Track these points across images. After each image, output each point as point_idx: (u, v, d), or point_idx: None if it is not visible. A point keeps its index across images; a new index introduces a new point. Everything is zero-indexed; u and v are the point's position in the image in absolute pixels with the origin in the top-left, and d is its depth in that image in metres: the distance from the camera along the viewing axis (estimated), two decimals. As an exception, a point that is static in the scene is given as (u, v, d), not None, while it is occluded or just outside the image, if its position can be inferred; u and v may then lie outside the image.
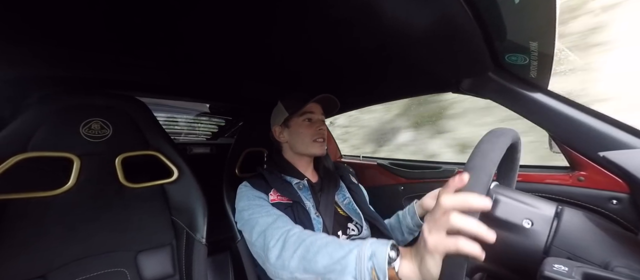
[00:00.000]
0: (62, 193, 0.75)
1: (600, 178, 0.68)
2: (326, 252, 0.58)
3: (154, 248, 0.88)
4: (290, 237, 0.66)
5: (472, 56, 0.72)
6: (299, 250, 0.61)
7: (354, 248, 0.55)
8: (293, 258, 0.61)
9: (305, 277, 0.60)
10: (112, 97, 0.82)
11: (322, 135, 0.95)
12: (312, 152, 0.95)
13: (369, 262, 0.51)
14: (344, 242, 0.59)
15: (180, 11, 0.67)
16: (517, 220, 0.49)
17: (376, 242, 0.54)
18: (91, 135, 0.78)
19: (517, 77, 0.73)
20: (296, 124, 0.96)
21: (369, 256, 0.51)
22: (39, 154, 0.71)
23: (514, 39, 0.62)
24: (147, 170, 0.89)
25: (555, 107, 0.69)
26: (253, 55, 0.93)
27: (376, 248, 0.52)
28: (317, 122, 0.96)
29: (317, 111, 0.98)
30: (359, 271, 0.51)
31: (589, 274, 0.39)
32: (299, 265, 0.60)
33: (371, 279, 0.50)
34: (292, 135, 0.97)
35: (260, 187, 0.87)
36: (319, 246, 0.60)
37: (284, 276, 0.63)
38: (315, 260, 0.58)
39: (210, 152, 1.57)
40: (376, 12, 0.62)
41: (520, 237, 0.48)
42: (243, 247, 0.98)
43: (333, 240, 0.60)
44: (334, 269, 0.54)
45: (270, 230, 0.71)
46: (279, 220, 0.75)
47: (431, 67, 0.86)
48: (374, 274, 0.50)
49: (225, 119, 1.84)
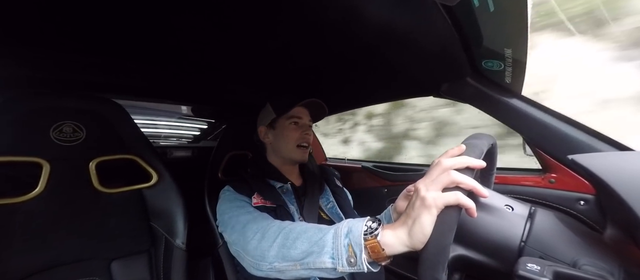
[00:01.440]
0: (30, 199, 0.71)
1: (569, 180, 0.72)
2: (305, 237, 0.57)
3: (130, 255, 0.85)
4: (270, 228, 0.64)
5: (451, 61, 0.74)
6: (278, 238, 0.60)
7: (332, 228, 0.54)
8: (272, 247, 0.60)
9: (284, 265, 0.58)
10: (86, 99, 0.78)
11: (306, 141, 0.94)
12: (294, 158, 0.94)
13: (345, 239, 0.50)
14: (324, 226, 0.58)
15: (161, 11, 0.65)
16: (500, 205, 0.53)
17: (354, 220, 0.53)
18: (62, 139, 0.74)
19: (493, 82, 0.76)
20: (282, 126, 0.95)
21: (346, 233, 0.51)
22: (4, 159, 0.67)
23: (490, 46, 0.64)
24: (124, 175, 0.86)
25: (528, 111, 0.72)
26: (237, 57, 0.92)
27: (353, 224, 0.52)
28: (303, 127, 0.95)
29: (305, 116, 0.97)
30: (336, 249, 0.51)
31: (559, 272, 0.41)
32: (278, 253, 0.59)
33: (348, 255, 0.50)
34: (276, 137, 0.96)
35: (242, 191, 0.85)
36: (299, 232, 0.59)
37: (263, 267, 0.61)
38: (294, 247, 0.57)
39: (191, 155, 1.53)
40: (358, 17, 0.63)
41: (502, 221, 0.51)
42: (225, 253, 0.95)
43: (313, 226, 0.59)
44: (312, 252, 0.54)
45: (250, 225, 0.69)
46: (260, 217, 0.73)
47: (412, 72, 0.87)
48: (351, 251, 0.49)
49: (208, 121, 1.80)
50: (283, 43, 0.80)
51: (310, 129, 0.98)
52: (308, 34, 0.75)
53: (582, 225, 0.55)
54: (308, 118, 0.98)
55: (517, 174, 0.87)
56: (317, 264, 0.53)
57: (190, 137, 1.80)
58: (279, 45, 0.82)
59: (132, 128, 0.86)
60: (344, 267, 0.50)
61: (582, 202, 0.70)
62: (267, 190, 0.87)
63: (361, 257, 0.48)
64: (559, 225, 0.51)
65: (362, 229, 0.49)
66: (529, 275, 0.41)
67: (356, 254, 0.48)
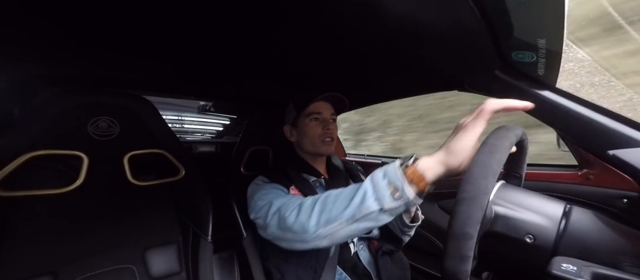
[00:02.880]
0: (72, 190, 0.76)
1: (610, 176, 0.67)
2: (343, 196, 0.58)
3: (161, 245, 0.89)
4: (305, 202, 0.65)
5: (478, 54, 0.71)
6: (316, 207, 0.61)
7: (367, 179, 0.56)
8: (311, 217, 0.60)
9: (328, 228, 0.58)
10: (119, 95, 0.82)
11: (329, 135, 0.93)
12: (319, 151, 0.94)
13: (384, 181, 0.52)
14: (357, 184, 0.59)
15: (187, 9, 0.68)
16: (519, 235, 0.49)
17: (386, 165, 0.55)
18: (99, 134, 0.79)
19: (524, 74, 0.72)
20: (303, 124, 0.95)
21: (382, 176, 0.53)
22: (48, 152, 0.72)
23: (521, 37, 0.61)
24: (154, 169, 0.90)
25: (563, 104, 0.68)
26: (259, 53, 0.93)
27: (386, 167, 0.53)
28: (325, 122, 0.94)
29: (326, 110, 0.95)
30: (377, 191, 0.52)
31: (599, 273, 0.39)
32: (319, 220, 0.59)
33: (391, 193, 0.50)
34: (300, 135, 0.96)
35: (279, 181, 0.86)
36: (335, 196, 0.60)
37: (307, 238, 0.61)
38: (335, 207, 0.57)
39: (215, 151, 1.58)
40: (381, 9, 0.62)
41: (522, 254, 0.48)
42: (249, 245, 0.98)
43: (346, 188, 0.61)
44: (354, 203, 0.54)
45: (285, 206, 0.70)
46: (295, 198, 0.74)
47: (436, 66, 0.85)
48: (392, 188, 0.50)
49: (230, 117, 1.85)
50: (306, 38, 0.81)
51: (333, 123, 0.97)
52: (331, 28, 0.74)
53: (625, 225, 0.52)
54: (330, 112, 0.97)
55: (550, 169, 0.83)
56: (362, 211, 0.53)
57: (214, 132, 1.86)
58: (302, 40, 0.82)
59: (161, 124, 0.89)
60: (390, 203, 0.51)
61: (625, 200, 0.65)
62: (303, 183, 0.88)
63: (404, 189, 0.49)
64: (598, 224, 0.48)
65: (397, 165, 0.51)
66: (565, 275, 0.40)
67: (399, 188, 0.49)
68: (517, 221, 0.50)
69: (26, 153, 0.69)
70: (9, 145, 0.68)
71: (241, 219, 1.02)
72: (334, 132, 0.96)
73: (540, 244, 0.47)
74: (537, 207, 0.50)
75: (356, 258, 0.86)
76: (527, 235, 0.49)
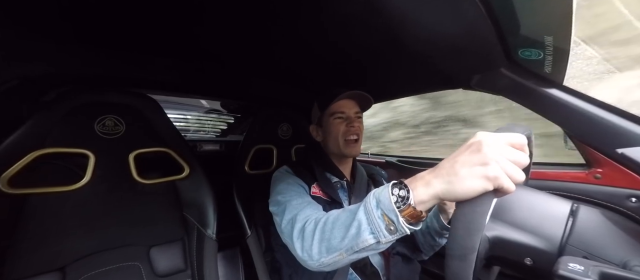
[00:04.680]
0: (79, 188, 0.77)
1: (618, 175, 0.66)
2: (339, 224, 0.56)
3: (166, 243, 0.90)
4: (308, 225, 0.64)
5: (484, 52, 0.71)
6: (317, 234, 0.60)
7: (361, 206, 0.53)
8: (313, 245, 0.60)
9: (331, 257, 0.57)
10: (125, 94, 0.83)
11: (354, 133, 0.90)
12: (345, 153, 0.91)
13: (377, 211, 0.49)
14: (352, 206, 0.57)
15: (192, 9, 0.68)
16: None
17: (379, 189, 0.52)
18: (105, 132, 0.80)
19: (530, 72, 0.72)
20: (327, 123, 0.93)
21: (376, 205, 0.50)
22: (56, 150, 0.73)
23: (528, 34, 0.60)
24: (159, 167, 0.91)
25: (570, 102, 0.67)
26: (263, 52, 0.93)
27: (379, 193, 0.50)
28: (349, 119, 0.91)
29: (349, 108, 0.92)
30: (372, 223, 0.50)
31: (607, 273, 0.38)
32: (320, 248, 0.59)
33: (386, 224, 0.48)
34: (325, 134, 0.95)
35: (303, 176, 0.86)
36: (332, 222, 0.58)
37: (313, 266, 0.61)
38: (333, 237, 0.56)
39: (219, 149, 1.59)
40: (387, 8, 0.62)
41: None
42: (253, 243, 0.99)
43: (343, 210, 0.59)
44: (351, 234, 0.53)
45: (297, 217, 0.69)
46: (308, 206, 0.73)
47: (441, 64, 0.84)
48: (387, 220, 0.48)
49: (235, 116, 1.85)
50: (312, 37, 0.81)
51: (357, 121, 0.93)
52: (335, 28, 0.74)
53: (633, 224, 0.51)
54: (354, 109, 0.93)
55: (557, 169, 0.82)
56: (360, 244, 0.52)
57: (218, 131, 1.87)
58: (308, 39, 0.82)
59: (166, 122, 0.90)
60: (386, 237, 0.49)
61: (634, 200, 0.64)
62: (326, 183, 0.88)
63: (399, 222, 0.47)
64: (606, 224, 0.47)
65: (389, 195, 0.48)
66: (571, 275, 0.39)
67: (394, 221, 0.47)
68: (516, 245, 0.51)
69: (34, 151, 0.70)
70: (18, 143, 0.69)
71: (245, 217, 1.03)
72: (359, 130, 0.92)
73: (539, 266, 0.48)
74: (537, 225, 0.50)
75: (367, 258, 0.86)
76: (527, 258, 0.50)
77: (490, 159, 0.39)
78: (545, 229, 0.49)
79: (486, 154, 0.39)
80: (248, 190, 1.09)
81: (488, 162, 0.39)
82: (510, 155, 0.40)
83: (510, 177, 0.39)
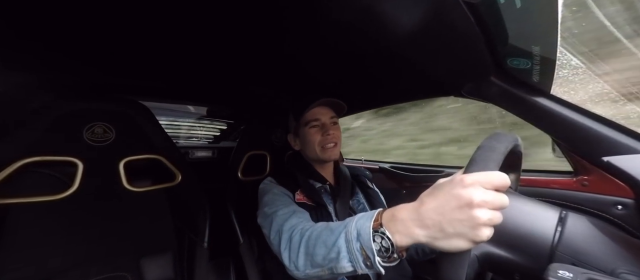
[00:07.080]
0: (66, 197, 0.75)
1: (605, 183, 0.68)
2: (321, 242, 0.57)
3: (156, 252, 0.88)
4: (294, 236, 0.65)
5: (474, 60, 0.72)
6: (302, 247, 0.61)
7: (342, 230, 0.53)
8: (299, 257, 0.61)
9: (314, 271, 0.58)
10: (115, 101, 0.82)
11: (330, 141, 0.91)
12: (322, 158, 0.92)
13: (356, 243, 0.49)
14: (335, 225, 0.57)
15: (183, 16, 0.68)
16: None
17: (363, 217, 0.52)
18: (94, 139, 0.78)
19: (519, 81, 0.73)
20: (303, 133, 0.94)
21: (356, 236, 0.50)
22: (42, 159, 0.71)
23: (516, 43, 0.61)
24: (150, 174, 0.90)
25: (558, 111, 0.69)
26: (255, 59, 0.93)
27: (361, 226, 0.50)
28: (324, 127, 0.92)
29: (324, 115, 0.93)
30: (351, 252, 0.50)
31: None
32: (306, 261, 0.59)
33: (363, 258, 0.49)
34: (302, 143, 0.95)
35: (286, 185, 0.86)
36: (316, 237, 0.59)
37: (299, 276, 0.62)
38: (315, 253, 0.57)
39: (212, 156, 1.57)
40: (378, 16, 0.63)
41: (529, 226, 0.51)
42: (245, 251, 0.97)
43: (326, 227, 0.59)
44: (331, 258, 0.53)
45: (284, 228, 0.70)
46: (294, 215, 0.73)
47: (433, 71, 0.86)
48: (364, 254, 0.48)
49: (227, 122, 1.84)
50: (303, 43, 0.81)
51: (333, 127, 0.94)
52: (327, 34, 0.75)
53: (620, 231, 0.52)
54: (329, 115, 0.94)
55: (546, 176, 0.83)
56: (339, 269, 0.53)
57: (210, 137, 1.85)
58: (299, 46, 0.83)
59: (158, 129, 0.89)
60: (363, 269, 0.50)
61: (620, 207, 0.65)
62: (310, 189, 0.87)
63: (376, 260, 0.47)
64: (593, 231, 0.48)
65: (370, 232, 0.48)
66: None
67: (370, 257, 0.48)
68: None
69: (20, 159, 0.69)
70: (3, 151, 0.67)
71: (238, 225, 1.02)
72: (336, 136, 0.93)
73: (536, 248, 0.48)
74: (526, 236, 0.51)
75: None
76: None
77: (482, 222, 0.37)
78: (534, 240, 0.50)
79: (479, 217, 0.37)
80: (241, 198, 1.07)
81: (479, 224, 0.37)
82: (497, 203, 0.38)
83: (493, 225, 0.38)
